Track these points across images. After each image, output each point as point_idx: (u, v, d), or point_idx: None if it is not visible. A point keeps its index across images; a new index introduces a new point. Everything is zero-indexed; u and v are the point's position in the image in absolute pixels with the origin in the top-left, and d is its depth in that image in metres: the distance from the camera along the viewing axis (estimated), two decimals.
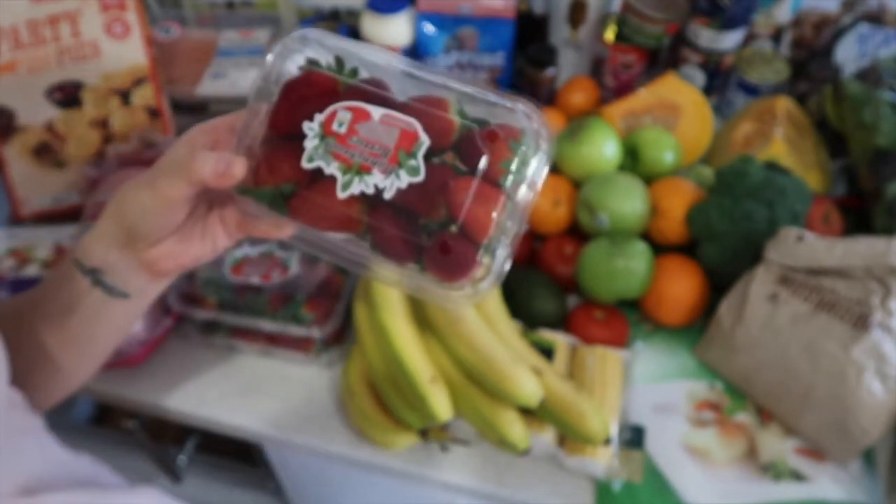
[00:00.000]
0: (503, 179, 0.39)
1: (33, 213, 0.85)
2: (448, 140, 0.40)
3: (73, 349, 0.50)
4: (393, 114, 0.40)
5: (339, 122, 0.41)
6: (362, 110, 0.41)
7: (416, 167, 0.39)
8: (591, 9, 0.93)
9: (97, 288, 0.46)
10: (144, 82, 0.84)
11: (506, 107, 0.41)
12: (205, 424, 0.70)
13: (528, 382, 0.57)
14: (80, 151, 0.83)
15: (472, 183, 0.39)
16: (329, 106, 0.41)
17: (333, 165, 0.40)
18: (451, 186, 0.39)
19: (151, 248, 0.45)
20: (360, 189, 0.40)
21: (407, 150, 0.40)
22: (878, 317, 0.59)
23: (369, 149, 0.40)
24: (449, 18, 0.89)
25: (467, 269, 0.39)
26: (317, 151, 0.41)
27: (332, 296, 0.69)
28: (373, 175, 0.40)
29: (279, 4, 1.01)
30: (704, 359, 0.69)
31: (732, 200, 0.68)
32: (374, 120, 0.40)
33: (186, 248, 0.46)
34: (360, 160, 0.40)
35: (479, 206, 0.39)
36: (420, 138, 0.40)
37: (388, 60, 0.43)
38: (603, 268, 0.68)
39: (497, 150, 0.39)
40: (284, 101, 0.42)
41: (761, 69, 0.89)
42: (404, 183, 0.39)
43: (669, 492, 0.61)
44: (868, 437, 0.58)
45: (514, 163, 0.39)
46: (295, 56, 0.43)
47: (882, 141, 0.71)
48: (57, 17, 0.80)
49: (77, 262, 0.46)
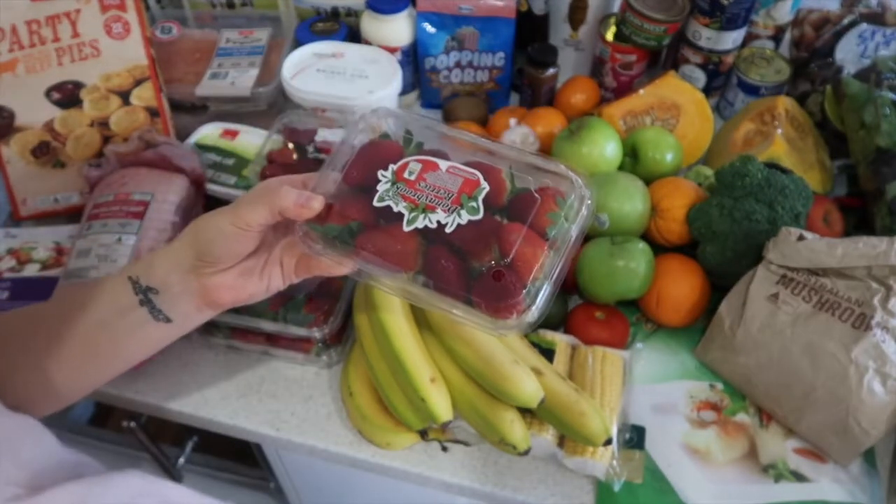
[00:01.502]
0: (549, 229, 0.45)
1: (33, 213, 0.85)
2: (502, 197, 0.46)
3: (93, 361, 0.51)
4: (458, 165, 0.47)
5: (410, 172, 0.47)
6: (431, 162, 0.47)
7: (476, 207, 0.45)
8: (591, 9, 0.92)
9: (143, 308, 0.48)
10: (144, 82, 0.84)
11: (553, 171, 0.47)
12: (204, 424, 0.70)
13: (529, 382, 0.57)
14: (80, 151, 0.83)
15: (523, 228, 0.45)
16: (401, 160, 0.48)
17: (402, 205, 0.46)
18: (505, 228, 0.45)
19: (215, 276, 0.48)
20: (424, 223, 0.45)
21: (469, 194, 0.46)
22: (879, 317, 0.58)
23: (435, 192, 0.46)
24: (449, 18, 0.89)
25: (513, 297, 0.43)
26: (388, 193, 0.47)
27: (332, 296, 0.69)
28: (437, 213, 0.45)
29: (279, 4, 1.01)
30: (704, 359, 0.69)
31: (733, 200, 0.68)
32: (442, 170, 0.47)
33: (245, 284, 0.49)
34: (426, 201, 0.46)
35: (527, 248, 0.44)
36: (481, 184, 0.46)
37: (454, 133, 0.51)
38: (603, 268, 0.68)
39: (545, 203, 0.45)
40: (359, 159, 0.49)
41: (761, 69, 0.89)
42: (464, 220, 0.45)
43: (669, 492, 0.60)
44: (868, 438, 0.58)
45: (560, 214, 0.45)
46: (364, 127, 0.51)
47: (882, 141, 0.71)
48: (57, 17, 0.80)
49: (132, 280, 0.48)
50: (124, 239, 0.69)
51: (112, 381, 0.70)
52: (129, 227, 0.70)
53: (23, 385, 0.50)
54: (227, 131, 0.85)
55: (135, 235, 0.69)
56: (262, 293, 0.51)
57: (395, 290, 0.48)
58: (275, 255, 0.50)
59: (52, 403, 0.52)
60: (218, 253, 0.47)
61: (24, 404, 0.49)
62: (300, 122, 0.80)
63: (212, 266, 0.47)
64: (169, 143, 0.78)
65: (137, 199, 0.72)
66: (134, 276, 0.49)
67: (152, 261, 0.49)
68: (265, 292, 0.51)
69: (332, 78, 0.84)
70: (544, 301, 0.45)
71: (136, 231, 0.70)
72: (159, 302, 0.49)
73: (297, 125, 0.80)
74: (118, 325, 0.49)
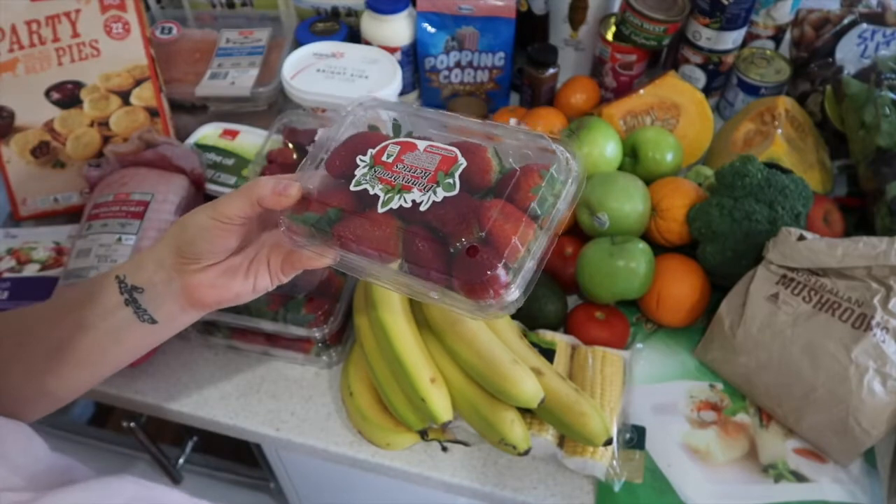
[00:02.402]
0: (533, 204, 0.42)
1: (33, 213, 0.85)
2: (488, 177, 0.43)
3: (77, 365, 0.50)
4: (437, 144, 0.45)
5: (388, 154, 0.45)
6: (410, 144, 0.46)
7: (452, 184, 0.43)
8: (591, 9, 0.92)
9: (128, 308, 0.48)
10: (144, 82, 0.84)
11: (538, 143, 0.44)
12: (204, 424, 0.70)
13: (529, 383, 0.57)
14: (80, 151, 0.83)
15: (500, 202, 0.42)
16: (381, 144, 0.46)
17: (378, 187, 0.44)
18: (484, 205, 0.42)
19: (197, 274, 0.47)
20: (399, 204, 0.43)
21: (445, 171, 0.43)
22: (879, 317, 0.58)
23: (412, 172, 0.44)
24: (449, 18, 0.89)
25: (488, 271, 0.40)
26: (364, 177, 0.45)
27: (332, 296, 0.69)
28: (412, 192, 0.43)
29: (279, 4, 1.01)
30: (705, 359, 0.69)
31: (733, 200, 0.68)
32: (420, 150, 0.45)
33: (229, 283, 0.48)
34: (402, 182, 0.44)
35: (506, 223, 0.41)
36: (458, 161, 0.43)
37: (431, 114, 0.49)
38: (603, 268, 0.68)
39: (529, 177, 0.42)
40: (342, 149, 0.47)
41: (761, 69, 0.89)
42: (440, 197, 0.42)
43: (670, 492, 0.60)
44: (869, 438, 0.58)
45: (541, 188, 0.42)
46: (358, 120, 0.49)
47: (882, 141, 0.71)
48: (57, 17, 0.80)
49: (118, 279, 0.48)
50: (124, 239, 0.69)
51: (112, 381, 0.70)
52: (129, 227, 0.70)
53: (17, 387, 0.49)
54: (227, 131, 0.85)
55: (135, 235, 0.69)
56: (248, 293, 0.49)
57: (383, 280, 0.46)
58: (261, 255, 0.49)
59: (46, 405, 0.52)
60: (199, 249, 0.46)
61: (18, 407, 0.49)
62: (300, 122, 0.80)
63: (194, 263, 0.46)
64: (169, 143, 0.78)
65: (137, 199, 0.72)
66: (121, 274, 0.48)
67: (141, 260, 0.48)
68: (252, 292, 0.50)
69: (332, 78, 0.84)
70: (527, 279, 0.42)
71: (136, 231, 0.70)
72: (144, 301, 0.48)
73: (297, 125, 0.80)
74: (103, 325, 0.48)
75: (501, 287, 0.41)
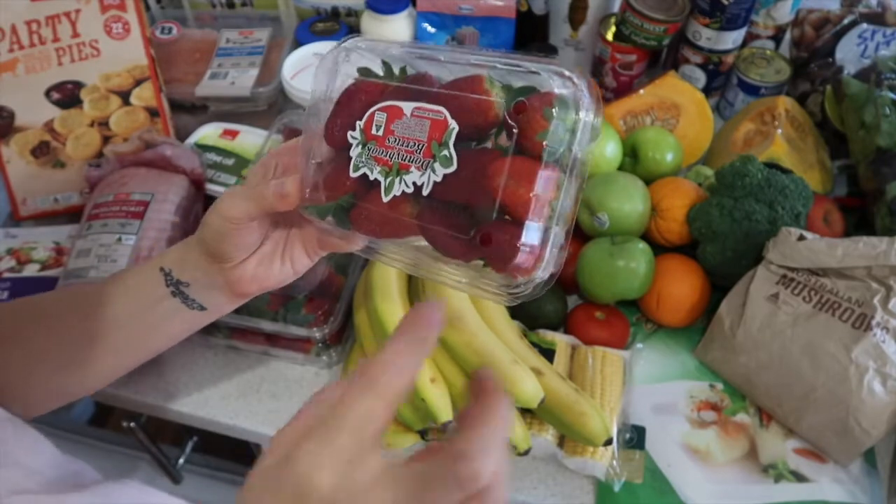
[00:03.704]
0: (544, 154, 0.34)
1: (33, 213, 0.85)
2: (486, 120, 0.36)
3: (120, 349, 0.51)
4: (422, 105, 0.38)
5: (377, 125, 0.39)
6: (396, 108, 0.39)
7: (449, 157, 0.36)
8: (591, 9, 0.92)
9: (176, 298, 0.48)
10: (144, 82, 0.84)
11: (536, 73, 0.36)
12: (204, 424, 0.70)
13: (529, 383, 0.57)
14: (80, 151, 0.83)
15: (506, 161, 0.34)
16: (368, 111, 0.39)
17: (377, 170, 0.39)
18: (489, 170, 0.35)
19: (235, 270, 0.47)
20: (402, 189, 0.38)
21: (439, 140, 0.37)
22: (879, 317, 0.58)
23: (405, 146, 0.38)
24: (449, 18, 0.89)
25: (511, 257, 0.34)
26: (361, 158, 0.39)
27: (332, 296, 0.69)
28: (411, 173, 0.37)
29: (279, 4, 1.01)
30: (705, 359, 0.69)
31: (733, 200, 0.68)
32: (406, 116, 0.38)
33: (268, 272, 0.48)
34: (398, 160, 0.38)
35: (517, 184, 0.34)
36: (449, 125, 0.36)
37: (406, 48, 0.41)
38: (603, 268, 0.68)
39: (531, 121, 0.34)
40: (335, 116, 0.41)
41: (761, 69, 0.89)
42: (440, 175, 0.36)
43: (670, 492, 0.60)
44: (869, 438, 0.58)
45: (548, 133, 0.34)
46: (345, 67, 0.42)
47: (882, 141, 0.71)
48: (57, 17, 0.80)
49: (164, 271, 0.48)
50: (124, 239, 0.69)
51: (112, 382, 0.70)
52: (129, 227, 0.70)
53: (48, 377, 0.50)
54: (227, 131, 0.85)
55: (135, 235, 0.69)
56: (289, 276, 0.49)
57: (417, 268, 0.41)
58: (293, 237, 0.48)
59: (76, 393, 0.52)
60: (223, 250, 0.45)
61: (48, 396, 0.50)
62: (300, 122, 0.80)
63: (227, 262, 0.46)
64: (169, 143, 0.78)
65: (137, 199, 0.72)
66: (166, 267, 0.48)
67: (184, 255, 0.48)
68: (293, 275, 0.49)
69: None
70: (556, 251, 0.36)
71: (136, 231, 0.70)
72: (191, 293, 0.48)
73: (297, 125, 0.80)
74: (148, 315, 0.49)
75: (530, 267, 0.35)
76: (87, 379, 0.52)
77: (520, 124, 0.34)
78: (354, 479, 0.27)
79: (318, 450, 0.28)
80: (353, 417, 0.28)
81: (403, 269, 0.43)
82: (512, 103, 0.35)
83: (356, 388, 0.29)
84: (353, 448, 0.28)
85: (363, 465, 0.28)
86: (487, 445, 0.27)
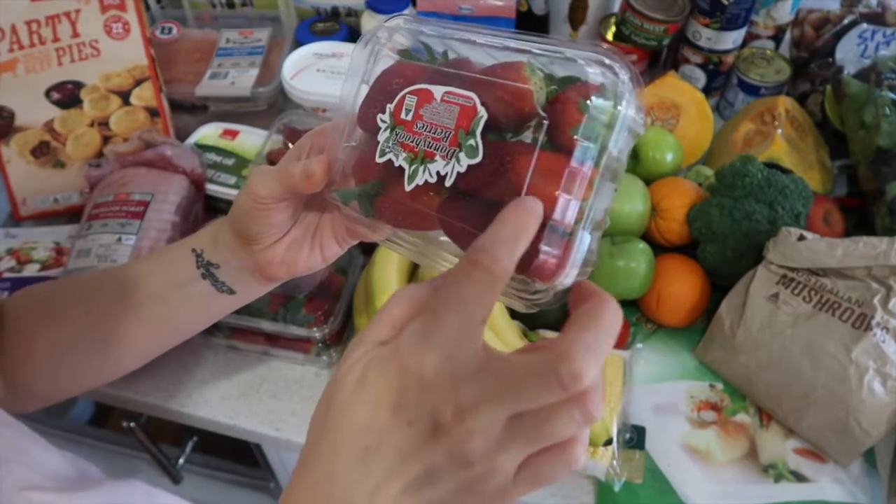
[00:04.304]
0: (578, 150, 0.31)
1: (33, 213, 0.85)
2: (522, 110, 0.33)
3: (150, 331, 0.51)
4: (453, 90, 0.35)
5: (406, 109, 0.37)
6: (426, 92, 0.36)
7: (475, 146, 0.33)
8: (591, 9, 0.93)
9: (206, 280, 0.48)
10: (144, 82, 0.84)
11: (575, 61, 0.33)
12: (205, 425, 0.70)
13: None
14: (80, 151, 0.83)
15: (532, 156, 0.32)
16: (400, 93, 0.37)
17: (402, 156, 0.36)
18: (515, 164, 0.32)
19: (265, 252, 0.46)
20: (425, 179, 0.35)
21: (466, 128, 0.34)
22: (879, 317, 0.58)
23: (432, 133, 0.35)
24: (448, 18, 0.89)
25: (531, 259, 0.32)
26: (387, 144, 0.37)
27: (332, 296, 0.69)
28: (435, 161, 0.35)
29: (279, 4, 1.01)
30: (705, 359, 0.69)
31: (733, 200, 0.68)
32: (436, 100, 0.35)
33: (296, 257, 0.47)
34: (424, 147, 0.35)
35: (543, 182, 0.31)
36: (478, 113, 0.33)
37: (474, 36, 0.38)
38: (603, 268, 0.68)
39: (564, 113, 0.32)
40: (370, 98, 0.39)
41: (761, 69, 0.89)
42: (464, 166, 0.33)
43: (669, 492, 0.60)
44: (869, 438, 0.58)
45: (582, 127, 0.31)
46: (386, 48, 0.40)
47: (882, 141, 0.71)
48: (57, 17, 0.80)
49: (195, 252, 0.48)
50: (124, 239, 0.69)
51: (112, 382, 0.70)
52: (129, 227, 0.70)
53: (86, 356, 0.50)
54: (227, 131, 0.85)
55: (135, 235, 0.69)
56: (318, 263, 0.48)
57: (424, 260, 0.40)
58: (324, 223, 0.47)
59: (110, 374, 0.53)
60: (250, 230, 0.45)
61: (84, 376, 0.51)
62: (300, 122, 0.80)
63: (256, 244, 0.46)
64: (169, 143, 0.78)
65: (137, 199, 0.72)
66: (198, 248, 0.48)
67: (215, 236, 0.48)
68: (322, 262, 0.48)
69: (332, 78, 0.84)
70: (582, 253, 0.33)
71: (136, 231, 0.70)
72: (221, 275, 0.48)
73: (297, 125, 0.80)
74: (178, 296, 0.49)
75: (551, 273, 0.32)
76: (122, 358, 0.52)
77: (552, 116, 0.32)
78: (457, 365, 0.26)
79: (426, 330, 0.27)
80: (460, 299, 0.27)
81: (419, 262, 0.41)
82: (548, 93, 0.32)
83: (463, 269, 0.27)
84: (460, 330, 0.27)
85: (468, 349, 0.27)
86: (592, 348, 0.26)
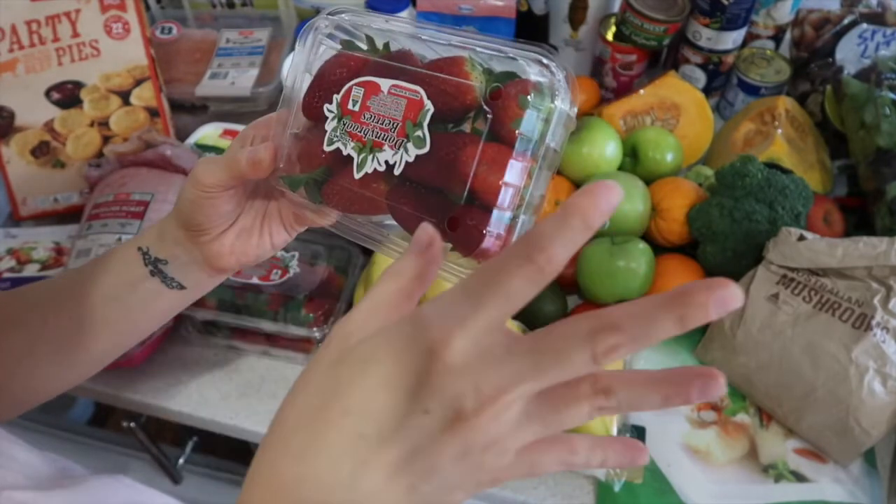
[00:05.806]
0: (519, 141, 0.35)
1: (33, 213, 0.85)
2: (463, 103, 0.36)
3: (106, 336, 0.50)
4: (400, 84, 0.37)
5: (353, 100, 0.39)
6: (373, 84, 0.38)
7: (422, 137, 0.36)
8: (591, 9, 0.92)
9: (155, 278, 0.48)
10: (144, 82, 0.84)
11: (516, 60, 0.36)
12: (205, 425, 0.70)
13: None
14: (80, 151, 0.83)
15: (477, 146, 0.35)
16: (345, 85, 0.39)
17: (350, 146, 0.38)
18: (461, 155, 0.35)
19: (213, 243, 0.46)
20: (374, 167, 0.37)
21: (413, 120, 0.37)
22: (879, 317, 0.58)
23: (380, 124, 0.38)
24: (449, 18, 0.89)
25: (477, 242, 0.35)
26: (335, 133, 0.39)
27: (332, 296, 0.69)
28: (384, 151, 0.37)
29: (279, 4, 1.01)
30: (705, 359, 0.69)
31: (733, 200, 0.68)
32: (384, 92, 0.38)
33: (245, 245, 0.47)
34: (372, 137, 0.38)
35: (488, 171, 0.35)
36: (424, 106, 0.36)
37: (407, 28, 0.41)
38: (603, 268, 0.68)
39: (506, 108, 0.35)
40: (314, 87, 0.41)
41: (761, 69, 0.89)
42: (412, 156, 0.36)
43: (669, 492, 0.60)
44: (869, 438, 0.58)
45: (522, 121, 0.34)
46: (327, 40, 0.42)
47: (882, 141, 0.71)
48: (57, 17, 0.80)
49: (142, 251, 0.47)
50: (124, 239, 0.69)
51: (112, 382, 0.70)
52: (129, 227, 0.70)
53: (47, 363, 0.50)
54: (227, 131, 0.85)
55: (134, 236, 0.69)
56: (268, 251, 0.48)
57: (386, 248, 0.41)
58: (271, 209, 0.47)
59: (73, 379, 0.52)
60: (197, 221, 0.45)
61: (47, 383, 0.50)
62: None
63: (203, 234, 0.45)
64: (169, 143, 0.78)
65: (137, 199, 0.72)
66: (144, 246, 0.48)
67: (161, 231, 0.48)
68: (272, 249, 0.48)
69: None
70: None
71: (136, 231, 0.70)
72: (170, 271, 0.48)
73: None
74: (131, 296, 0.48)
75: (494, 255, 0.35)
76: (81, 363, 0.51)
77: (495, 111, 0.35)
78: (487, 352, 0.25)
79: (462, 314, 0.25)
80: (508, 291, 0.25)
81: (370, 247, 0.42)
82: (489, 89, 0.35)
83: (517, 262, 0.25)
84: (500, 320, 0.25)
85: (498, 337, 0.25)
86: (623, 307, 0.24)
